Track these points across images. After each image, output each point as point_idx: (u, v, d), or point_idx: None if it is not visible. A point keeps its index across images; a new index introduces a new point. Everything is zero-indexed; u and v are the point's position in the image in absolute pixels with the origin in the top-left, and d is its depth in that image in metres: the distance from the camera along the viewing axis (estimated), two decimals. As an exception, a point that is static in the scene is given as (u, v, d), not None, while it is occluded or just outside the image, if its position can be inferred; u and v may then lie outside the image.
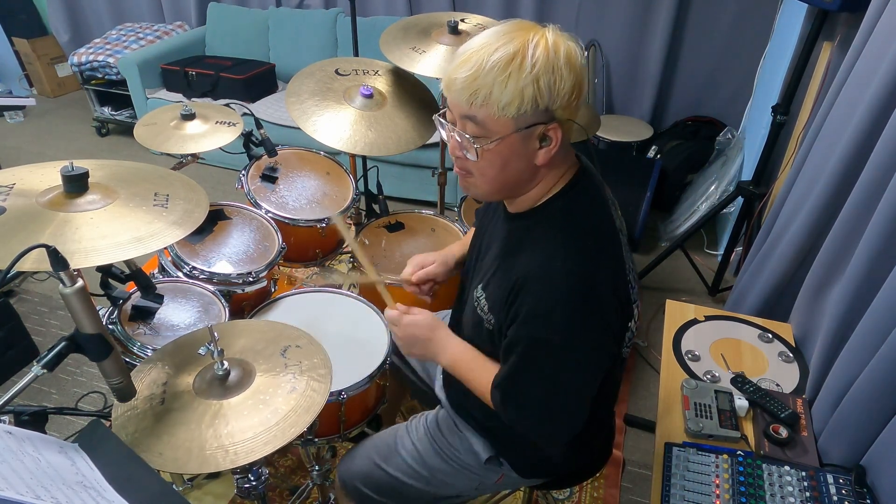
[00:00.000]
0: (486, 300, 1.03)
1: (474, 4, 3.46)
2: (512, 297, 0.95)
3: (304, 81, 1.92)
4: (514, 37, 0.86)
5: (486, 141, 0.90)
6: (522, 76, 0.84)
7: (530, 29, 0.88)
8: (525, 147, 0.91)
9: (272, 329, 1.24)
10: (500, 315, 0.99)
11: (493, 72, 0.85)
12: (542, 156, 0.92)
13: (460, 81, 0.87)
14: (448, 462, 1.23)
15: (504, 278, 0.98)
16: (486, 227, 1.16)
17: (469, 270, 1.19)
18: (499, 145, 0.90)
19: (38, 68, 4.52)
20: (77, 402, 2.14)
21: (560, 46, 0.87)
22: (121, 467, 0.79)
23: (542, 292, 0.91)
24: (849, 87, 1.53)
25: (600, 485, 1.89)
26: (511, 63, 0.84)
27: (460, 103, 0.89)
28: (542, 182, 0.98)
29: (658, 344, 2.07)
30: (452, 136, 0.95)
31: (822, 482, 1.11)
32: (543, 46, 0.85)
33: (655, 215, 3.16)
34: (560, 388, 0.96)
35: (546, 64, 0.85)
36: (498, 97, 0.85)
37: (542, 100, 0.86)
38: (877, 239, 1.16)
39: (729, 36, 3.14)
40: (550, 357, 0.94)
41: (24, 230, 0.98)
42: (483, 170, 0.95)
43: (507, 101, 0.85)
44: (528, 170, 0.95)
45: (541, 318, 0.92)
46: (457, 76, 0.88)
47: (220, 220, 1.73)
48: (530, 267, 0.93)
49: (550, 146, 0.92)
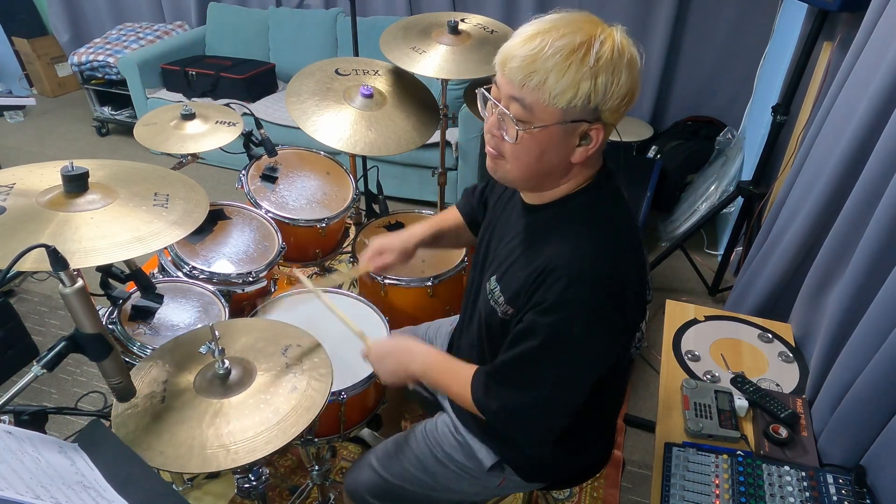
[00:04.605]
0: (501, 291, 1.01)
1: (474, 4, 3.46)
2: (536, 285, 0.93)
3: (304, 81, 1.92)
4: (582, 27, 0.84)
5: (530, 126, 0.87)
6: (583, 69, 0.82)
7: (598, 24, 0.86)
8: (565, 141, 0.89)
9: (273, 328, 1.24)
10: (519, 302, 0.97)
11: (554, 57, 0.82)
12: (580, 153, 0.91)
13: (518, 59, 0.84)
14: (450, 468, 1.23)
15: (526, 267, 0.96)
16: (496, 220, 1.14)
17: (478, 264, 1.18)
18: (540, 133, 0.88)
19: (38, 68, 4.52)
20: (77, 402, 2.13)
21: (626, 49, 0.85)
22: (120, 467, 0.79)
23: (570, 283, 0.90)
24: (849, 87, 1.53)
25: (600, 485, 1.89)
26: (575, 53, 0.81)
27: (512, 82, 0.86)
28: (572, 180, 0.97)
29: (658, 344, 2.07)
30: (494, 112, 0.92)
31: (821, 482, 1.11)
32: (610, 44, 0.83)
33: (655, 215, 3.16)
34: (565, 383, 0.95)
35: (609, 62, 0.82)
36: (553, 84, 0.83)
37: (595, 97, 0.84)
38: (877, 239, 1.16)
39: (729, 36, 3.14)
40: (565, 351, 0.93)
41: (24, 230, 0.99)
42: (518, 154, 0.92)
43: (561, 91, 0.83)
44: (561, 164, 0.93)
45: (562, 311, 0.90)
46: (516, 53, 0.84)
47: (220, 220, 1.73)
48: (558, 257, 0.92)
49: (590, 146, 0.90)
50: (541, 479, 1.24)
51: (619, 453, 1.96)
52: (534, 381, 0.97)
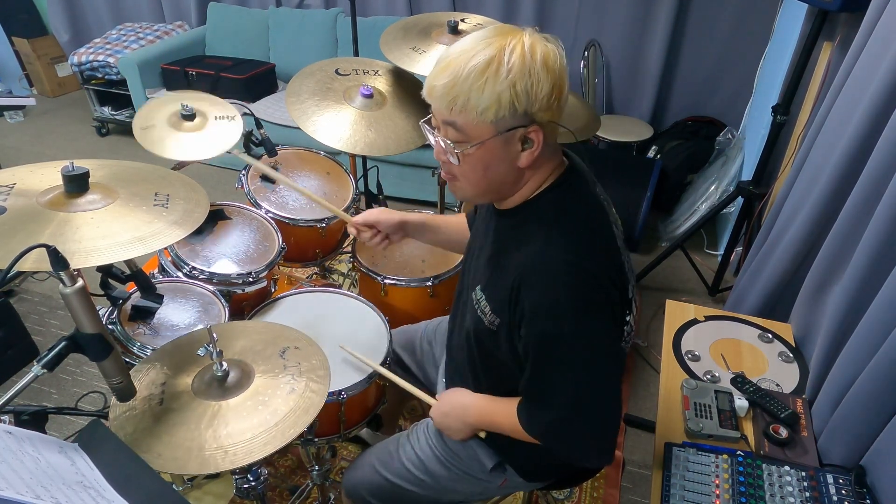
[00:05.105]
0: (486, 301, 1.03)
1: (474, 4, 3.46)
2: (514, 295, 0.95)
3: (304, 81, 1.92)
4: (492, 42, 0.87)
5: (467, 146, 0.91)
6: (499, 81, 0.85)
7: (508, 33, 0.89)
8: (507, 150, 0.92)
9: (271, 330, 1.24)
10: (505, 315, 0.99)
11: (469, 78, 0.86)
12: (525, 158, 0.93)
13: (439, 89, 0.88)
14: (451, 469, 1.23)
15: (502, 277, 0.98)
16: (478, 228, 1.16)
17: (465, 273, 1.19)
18: (479, 149, 0.91)
19: (38, 68, 4.52)
20: (77, 402, 2.14)
21: (537, 49, 0.87)
22: (121, 467, 0.79)
23: (544, 285, 0.91)
24: (849, 87, 1.53)
25: (600, 485, 1.89)
26: (487, 69, 0.85)
27: (441, 110, 0.91)
28: (529, 182, 0.99)
29: (658, 344, 2.07)
30: (437, 141, 0.96)
31: (821, 482, 1.11)
32: (519, 51, 0.86)
33: (655, 215, 3.16)
34: (580, 382, 0.94)
35: (522, 68, 0.85)
36: (476, 103, 0.86)
37: (519, 104, 0.87)
38: (877, 239, 1.16)
39: (729, 36, 3.14)
40: (564, 350, 0.93)
41: (24, 230, 0.99)
42: (466, 173, 0.96)
43: (485, 107, 0.86)
44: (511, 172, 0.96)
45: (547, 312, 0.91)
46: (436, 83, 0.89)
47: (220, 220, 1.73)
48: (527, 261, 0.93)
49: (533, 148, 0.92)
50: (542, 478, 1.25)
51: (619, 453, 1.96)
52: (554, 393, 0.97)
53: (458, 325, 1.21)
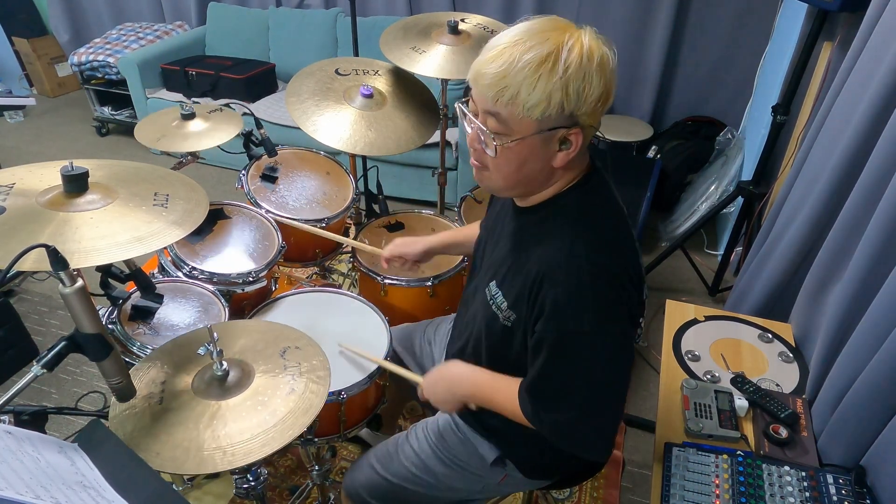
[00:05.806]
0: (503, 297, 1.01)
1: (474, 4, 3.46)
2: (535, 290, 0.93)
3: (304, 81, 1.92)
4: (549, 36, 0.84)
5: (507, 139, 0.89)
6: (553, 80, 0.82)
7: (566, 30, 0.86)
8: (545, 149, 0.90)
9: (272, 330, 1.24)
10: (522, 310, 0.97)
11: (523, 71, 0.82)
12: (561, 158, 0.91)
13: (488, 77, 0.85)
14: (451, 466, 1.23)
15: (521, 272, 0.97)
16: (495, 224, 1.14)
17: (477, 267, 1.18)
18: (519, 145, 0.89)
19: (38, 68, 4.52)
20: (77, 401, 2.14)
21: (595, 52, 0.85)
22: (120, 467, 0.79)
23: (567, 282, 0.90)
24: (849, 87, 1.53)
25: (600, 485, 1.89)
26: (543, 65, 0.82)
27: (486, 98, 0.87)
28: (559, 181, 0.97)
29: (658, 344, 2.07)
30: (475, 128, 0.93)
31: (821, 482, 1.11)
32: (578, 51, 0.83)
33: (655, 215, 3.16)
34: (596, 381, 0.94)
35: (578, 69, 0.83)
36: (525, 98, 0.83)
37: (568, 105, 0.84)
38: (877, 239, 1.16)
39: (729, 36, 3.14)
40: (583, 348, 0.92)
41: (24, 230, 0.98)
42: (500, 166, 0.93)
43: (534, 103, 0.84)
44: (544, 170, 0.94)
45: (568, 309, 0.90)
46: (486, 70, 0.85)
47: (219, 220, 1.73)
48: (550, 258, 0.92)
49: (570, 150, 0.90)
50: (542, 476, 1.24)
51: (619, 453, 1.96)
52: (566, 393, 0.96)
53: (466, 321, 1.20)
